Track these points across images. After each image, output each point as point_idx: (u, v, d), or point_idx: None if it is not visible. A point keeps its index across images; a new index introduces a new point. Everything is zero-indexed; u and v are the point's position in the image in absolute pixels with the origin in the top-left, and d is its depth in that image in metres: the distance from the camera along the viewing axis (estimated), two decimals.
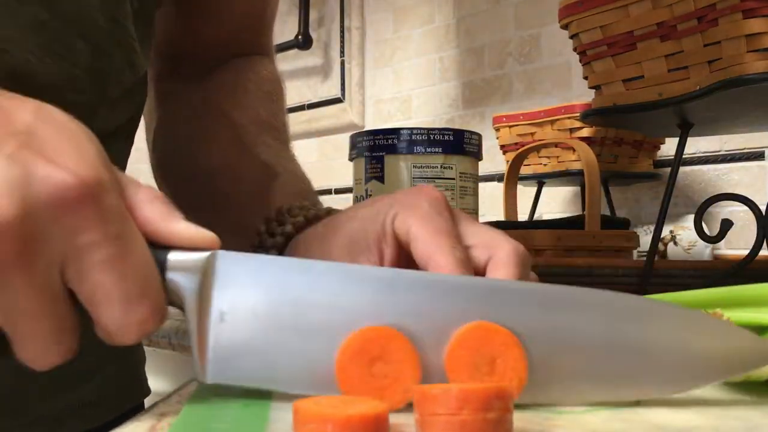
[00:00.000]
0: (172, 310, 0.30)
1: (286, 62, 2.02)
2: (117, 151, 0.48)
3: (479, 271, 0.34)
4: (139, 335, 0.27)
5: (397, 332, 0.28)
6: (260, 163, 0.53)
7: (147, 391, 0.56)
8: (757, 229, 0.67)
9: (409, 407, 0.26)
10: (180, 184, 0.56)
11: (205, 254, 0.29)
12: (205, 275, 0.28)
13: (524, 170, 1.20)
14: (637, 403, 0.29)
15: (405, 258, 0.36)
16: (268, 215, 0.45)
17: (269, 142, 0.55)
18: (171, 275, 0.28)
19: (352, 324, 0.28)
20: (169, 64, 0.59)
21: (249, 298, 0.28)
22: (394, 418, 0.25)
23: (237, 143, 0.54)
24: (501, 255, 0.34)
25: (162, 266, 0.28)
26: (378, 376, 0.27)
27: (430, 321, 0.29)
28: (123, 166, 0.50)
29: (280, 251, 0.43)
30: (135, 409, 0.53)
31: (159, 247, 0.28)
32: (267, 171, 0.52)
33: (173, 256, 0.28)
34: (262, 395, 0.29)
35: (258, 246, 0.44)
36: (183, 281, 0.28)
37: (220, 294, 0.28)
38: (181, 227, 0.29)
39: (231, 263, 0.29)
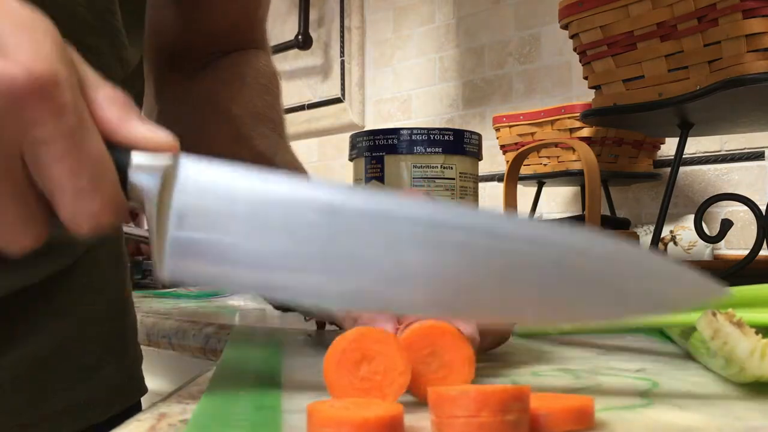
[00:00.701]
0: (167, 308, 0.30)
1: (286, 62, 2.02)
2: None
3: None
4: (92, 227, 0.28)
5: (379, 331, 0.29)
6: (257, 154, 0.53)
7: (144, 390, 0.57)
8: (757, 229, 0.67)
9: (422, 408, 0.26)
10: None
11: (167, 156, 0.29)
12: (167, 178, 0.29)
13: (524, 170, 1.20)
14: (642, 403, 0.29)
15: None
16: None
17: (266, 134, 0.55)
18: (133, 176, 0.29)
19: (306, 230, 0.29)
20: (166, 57, 0.60)
21: (208, 201, 0.29)
22: (409, 420, 0.25)
23: (234, 135, 0.54)
24: None
25: (123, 167, 0.29)
26: (365, 377, 0.28)
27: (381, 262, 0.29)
28: None
29: None
30: (132, 408, 0.54)
31: (123, 149, 0.29)
32: (264, 162, 0.52)
33: (136, 158, 0.29)
34: (273, 400, 0.29)
35: None
36: (144, 182, 0.29)
37: (180, 195, 0.29)
38: (139, 129, 0.29)
39: (192, 167, 0.29)
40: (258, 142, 0.54)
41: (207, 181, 0.29)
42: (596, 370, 0.38)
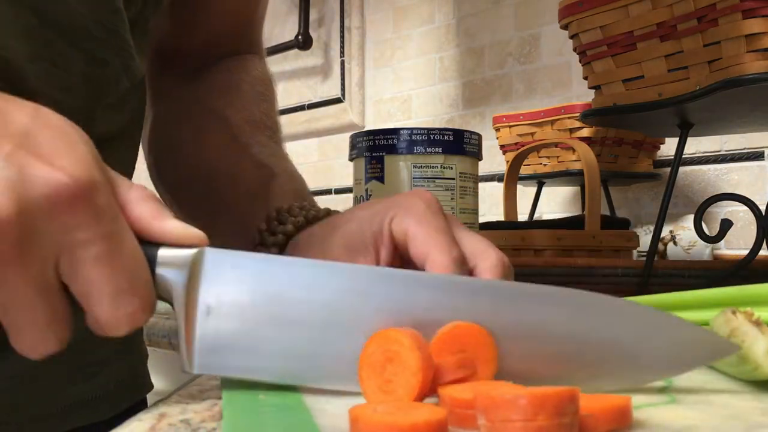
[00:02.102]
0: (167, 308, 0.30)
1: (286, 62, 2.03)
2: (120, 156, 0.49)
3: None
4: (128, 328, 0.28)
5: (397, 331, 0.29)
6: (257, 162, 0.53)
7: (150, 386, 0.57)
8: (757, 229, 0.67)
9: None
10: (178, 184, 0.56)
11: (193, 251, 0.30)
12: (193, 271, 0.30)
13: (524, 170, 1.21)
14: (666, 401, 0.29)
15: (399, 260, 0.38)
16: (268, 214, 0.47)
17: (264, 142, 0.56)
18: (160, 271, 0.29)
19: (330, 318, 0.30)
20: (160, 62, 0.60)
21: (234, 292, 0.30)
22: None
23: (233, 143, 0.55)
24: (485, 265, 0.36)
25: (152, 262, 0.29)
26: (389, 379, 0.28)
27: (409, 317, 0.30)
28: (129, 173, 0.50)
29: (281, 249, 0.45)
30: (138, 405, 0.55)
31: (149, 243, 0.29)
32: (264, 171, 0.53)
33: (163, 252, 0.30)
34: (295, 400, 0.29)
35: (259, 243, 0.45)
36: (172, 276, 0.30)
37: (207, 289, 0.29)
38: (171, 225, 0.30)
39: (218, 259, 0.30)
40: (257, 150, 0.54)
41: (232, 274, 0.30)
42: None
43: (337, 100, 1.90)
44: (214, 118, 0.56)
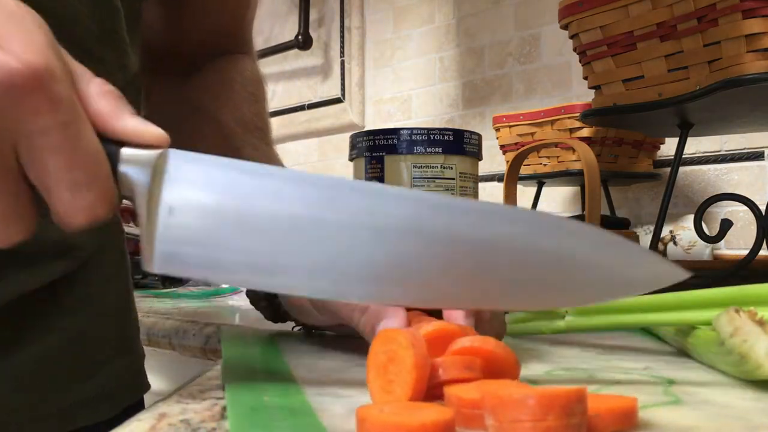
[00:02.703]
0: (167, 308, 0.30)
1: (286, 62, 2.03)
2: None
3: None
4: (87, 220, 0.28)
5: (396, 331, 0.29)
6: None
7: (147, 387, 0.58)
8: (757, 229, 0.67)
9: None
10: None
11: (157, 151, 0.30)
12: (156, 171, 0.29)
13: (524, 170, 1.20)
14: (669, 401, 0.29)
15: None
16: None
17: (256, 144, 0.56)
18: (123, 168, 0.29)
19: (293, 227, 0.29)
20: (153, 60, 0.60)
21: (197, 194, 0.29)
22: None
23: (225, 144, 0.55)
24: None
25: (114, 159, 0.29)
26: (391, 379, 0.28)
27: (373, 229, 0.30)
28: None
29: None
30: (136, 405, 0.55)
31: (111, 141, 0.29)
32: None
33: (126, 151, 0.29)
34: (299, 401, 0.29)
35: None
36: (135, 175, 0.29)
37: (170, 189, 0.29)
38: (132, 123, 0.30)
39: (182, 161, 0.30)
40: (249, 152, 0.54)
41: (196, 175, 0.30)
42: (607, 369, 0.38)
43: (337, 100, 1.90)
44: (207, 119, 0.57)
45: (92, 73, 0.30)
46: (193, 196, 0.29)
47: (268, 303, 0.51)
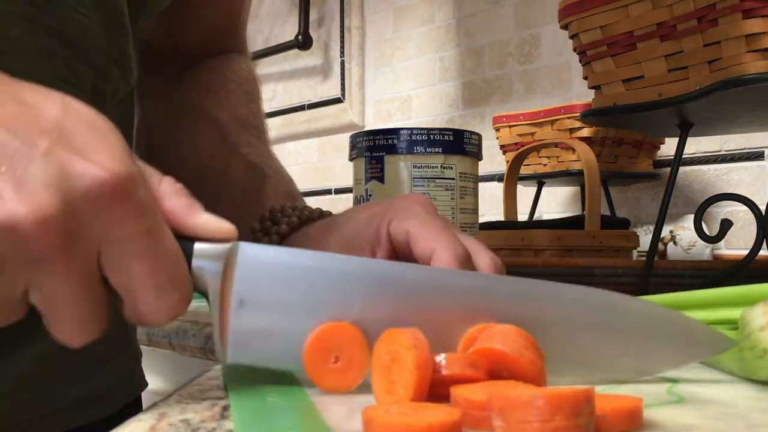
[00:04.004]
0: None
1: (286, 62, 2.02)
2: None
3: None
4: (169, 319, 0.29)
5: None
6: (248, 163, 0.54)
7: (144, 385, 0.58)
8: (757, 229, 0.67)
9: None
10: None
11: (227, 245, 0.31)
12: (227, 264, 0.30)
13: (524, 170, 1.20)
14: (673, 400, 0.29)
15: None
16: (262, 214, 0.47)
17: (253, 142, 0.56)
18: (196, 263, 0.30)
19: (355, 310, 0.31)
20: (146, 61, 0.60)
21: (267, 285, 0.30)
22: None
23: (223, 143, 0.55)
24: (481, 265, 0.38)
25: (188, 255, 0.30)
26: (394, 380, 0.28)
27: (435, 321, 0.31)
28: None
29: None
30: (134, 403, 0.55)
31: (183, 237, 0.30)
32: (256, 172, 0.54)
33: (199, 246, 0.30)
34: (302, 401, 0.29)
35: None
36: (207, 269, 0.30)
37: (241, 281, 0.30)
38: (204, 219, 0.31)
39: (251, 253, 0.31)
40: (247, 150, 0.55)
41: (264, 267, 0.31)
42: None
43: (337, 100, 1.90)
44: (203, 117, 0.57)
45: (159, 173, 0.30)
46: (262, 287, 0.30)
47: None
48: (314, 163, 1.99)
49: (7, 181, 0.25)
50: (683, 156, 0.74)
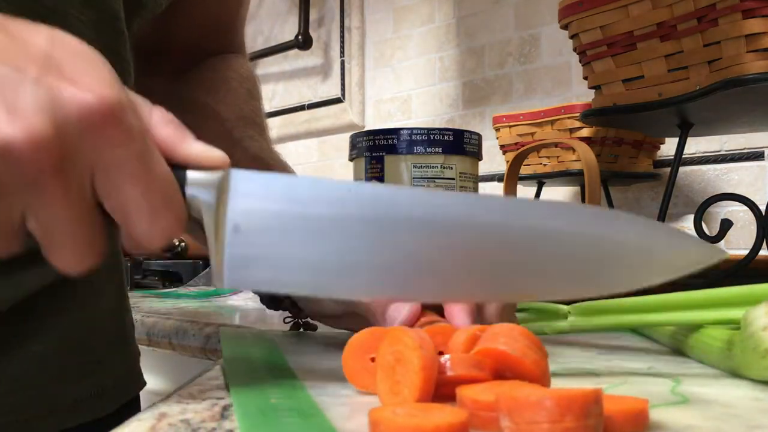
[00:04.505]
0: (167, 308, 0.30)
1: (286, 62, 2.02)
2: None
3: None
4: (164, 242, 0.30)
5: (401, 330, 0.29)
6: (252, 156, 0.55)
7: (143, 384, 0.59)
8: (757, 229, 0.67)
9: None
10: None
11: (220, 172, 0.31)
12: (221, 191, 0.31)
13: (524, 170, 1.20)
14: (678, 400, 0.29)
15: None
16: None
17: (255, 137, 0.57)
18: (190, 191, 0.31)
19: (349, 235, 0.31)
20: (145, 62, 0.60)
21: (260, 210, 0.31)
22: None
23: (226, 137, 0.56)
24: None
25: (181, 183, 0.30)
26: (399, 380, 0.28)
27: (429, 230, 0.32)
28: None
29: None
30: (133, 401, 0.56)
31: (176, 166, 0.30)
32: (260, 163, 0.54)
33: (192, 174, 0.31)
34: (306, 402, 0.29)
35: None
36: (201, 196, 0.31)
37: (234, 208, 0.31)
38: (195, 147, 0.31)
39: (243, 180, 0.31)
40: (250, 144, 0.55)
41: (257, 192, 0.31)
42: (611, 369, 0.38)
43: (337, 100, 1.90)
44: (206, 113, 0.57)
45: (151, 104, 0.31)
46: (256, 211, 0.31)
47: None
48: (314, 163, 1.99)
49: None
50: (683, 156, 0.74)
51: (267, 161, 0.54)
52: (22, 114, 0.25)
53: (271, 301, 0.52)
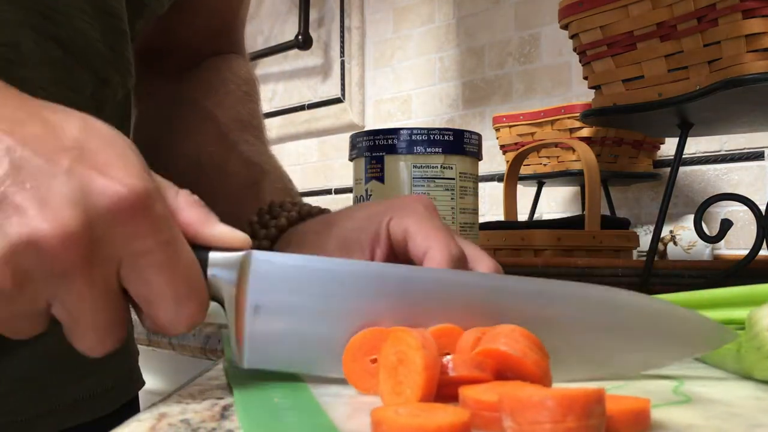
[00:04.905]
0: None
1: (286, 62, 2.02)
2: None
3: None
4: (188, 328, 0.30)
5: (386, 330, 0.30)
6: (247, 160, 0.55)
7: (142, 383, 0.59)
8: (757, 229, 0.67)
9: None
10: (165, 176, 0.58)
11: (241, 253, 0.32)
12: (242, 272, 0.31)
13: (524, 170, 1.20)
14: (680, 400, 0.29)
15: (393, 261, 0.40)
16: (260, 207, 0.48)
17: (251, 141, 0.57)
18: (212, 272, 0.31)
19: (366, 317, 0.32)
20: (145, 62, 0.60)
21: (280, 292, 0.31)
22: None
23: (222, 139, 0.56)
24: (481, 269, 0.39)
25: (203, 264, 0.31)
26: (401, 381, 0.28)
27: (435, 317, 0.32)
28: None
29: (272, 243, 0.46)
30: (132, 401, 0.56)
31: (198, 247, 0.31)
32: (255, 168, 0.54)
33: (214, 255, 0.31)
34: (317, 410, 0.29)
35: (250, 237, 0.46)
36: (222, 278, 0.31)
37: (255, 289, 0.31)
38: (219, 230, 0.31)
39: (264, 261, 0.32)
40: (245, 148, 0.55)
41: (277, 274, 0.32)
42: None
43: (337, 100, 1.90)
44: (203, 116, 0.57)
45: (176, 186, 0.31)
46: (276, 293, 0.31)
47: None
48: (314, 163, 1.99)
49: (31, 198, 0.26)
50: (683, 156, 0.74)
51: (261, 166, 0.54)
52: (54, 208, 0.26)
53: None
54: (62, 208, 0.26)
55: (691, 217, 0.77)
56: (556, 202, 1.46)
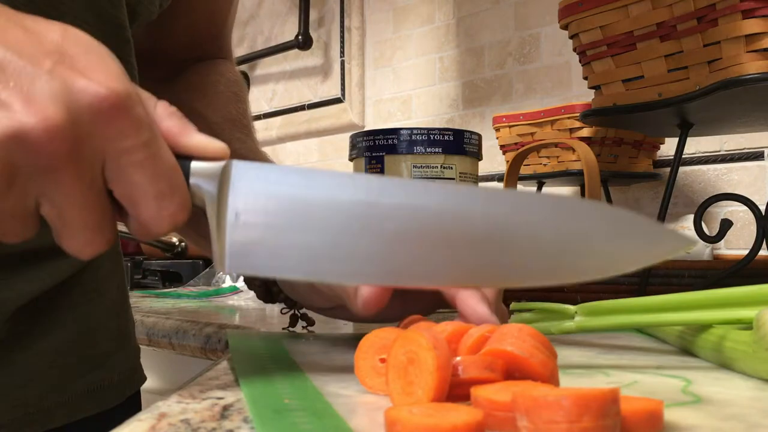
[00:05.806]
0: (167, 308, 0.30)
1: (286, 62, 2.02)
2: None
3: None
4: (170, 227, 0.31)
5: (415, 331, 0.30)
6: (240, 158, 0.55)
7: (144, 379, 0.60)
8: (757, 229, 0.67)
9: None
10: None
11: (222, 163, 0.33)
12: (222, 181, 0.33)
13: (524, 170, 1.20)
14: (691, 400, 0.29)
15: None
16: None
17: (243, 139, 0.58)
18: (193, 181, 0.32)
19: (346, 221, 0.33)
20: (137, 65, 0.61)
21: (260, 199, 0.32)
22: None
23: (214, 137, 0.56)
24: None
25: (185, 173, 0.32)
26: (412, 381, 0.28)
27: (418, 220, 0.33)
28: None
29: None
30: (134, 396, 0.57)
31: (180, 156, 0.32)
32: None
33: (195, 165, 0.33)
34: (330, 411, 0.29)
35: None
36: (204, 186, 0.33)
37: (235, 197, 0.32)
38: (198, 139, 0.33)
39: (244, 169, 0.33)
40: (238, 146, 0.56)
41: (258, 183, 0.33)
42: (620, 369, 0.38)
43: (337, 100, 1.90)
44: (194, 115, 0.58)
45: (155, 97, 0.33)
46: (256, 200, 0.32)
47: (261, 282, 0.53)
48: (314, 163, 1.99)
49: (15, 95, 0.27)
50: (683, 156, 0.74)
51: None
52: (37, 103, 0.27)
53: (266, 294, 0.53)
54: (46, 104, 0.27)
55: (691, 217, 0.77)
56: None
